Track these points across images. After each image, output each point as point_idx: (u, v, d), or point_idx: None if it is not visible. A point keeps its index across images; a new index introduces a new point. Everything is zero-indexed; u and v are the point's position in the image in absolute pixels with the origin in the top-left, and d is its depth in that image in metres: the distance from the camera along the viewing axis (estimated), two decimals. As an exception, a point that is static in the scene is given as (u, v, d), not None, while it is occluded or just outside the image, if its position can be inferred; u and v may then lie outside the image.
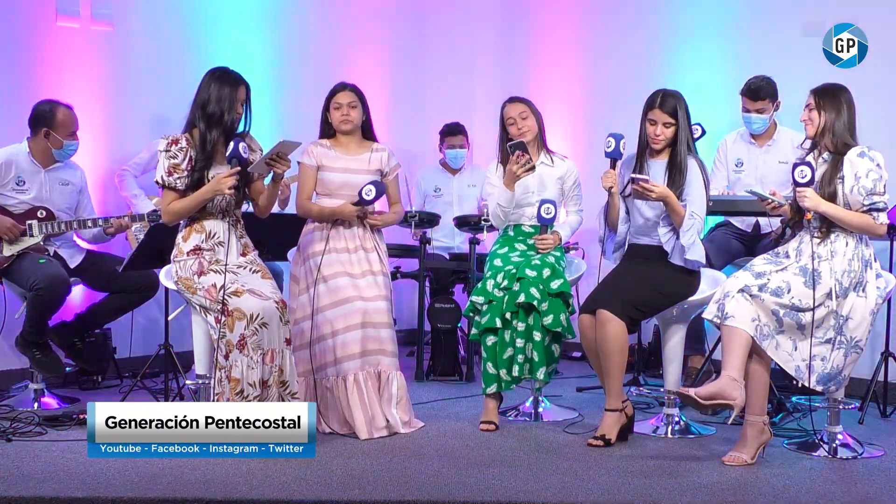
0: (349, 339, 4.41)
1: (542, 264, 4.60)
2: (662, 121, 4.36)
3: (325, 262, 4.48)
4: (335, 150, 4.59)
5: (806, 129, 4.19)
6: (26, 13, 5.52)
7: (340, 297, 4.45)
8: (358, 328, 4.42)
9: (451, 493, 3.60)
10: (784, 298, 4.01)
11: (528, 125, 4.78)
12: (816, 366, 4.04)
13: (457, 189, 6.53)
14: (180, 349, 5.16)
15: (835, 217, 4.06)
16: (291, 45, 6.47)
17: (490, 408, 4.62)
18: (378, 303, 4.48)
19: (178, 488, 3.58)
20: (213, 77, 4.19)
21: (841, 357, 4.05)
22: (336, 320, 4.43)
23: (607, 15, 6.58)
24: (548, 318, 4.53)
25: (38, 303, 4.86)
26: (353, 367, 4.41)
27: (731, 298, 4.02)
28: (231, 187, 4.06)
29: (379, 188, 4.45)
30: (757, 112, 5.27)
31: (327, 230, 4.53)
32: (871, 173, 4.05)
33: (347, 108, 4.56)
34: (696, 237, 4.33)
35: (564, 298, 4.58)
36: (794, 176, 4.04)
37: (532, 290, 4.50)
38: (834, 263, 4.05)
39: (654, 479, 3.83)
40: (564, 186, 4.83)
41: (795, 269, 4.07)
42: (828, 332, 4.05)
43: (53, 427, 4.42)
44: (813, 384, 4.04)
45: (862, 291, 4.07)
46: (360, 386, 4.40)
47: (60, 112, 5.03)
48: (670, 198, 4.28)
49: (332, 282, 4.47)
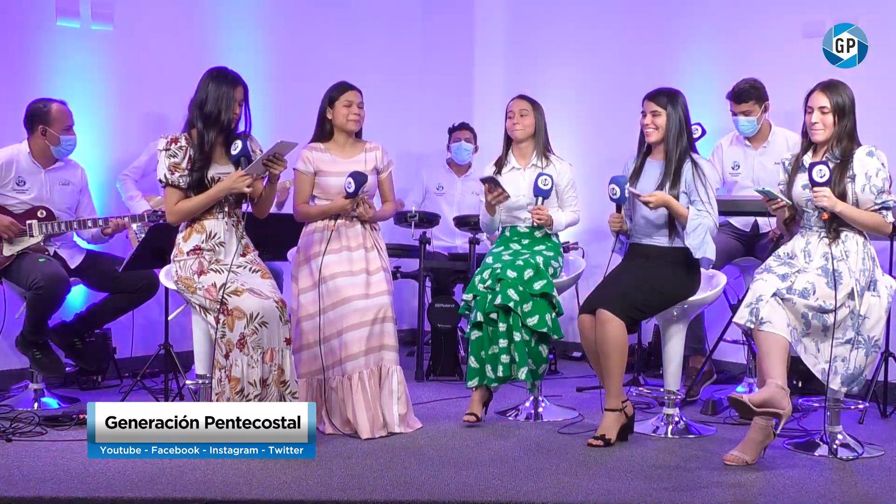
0: (353, 339, 4.41)
1: (525, 265, 4.61)
2: (650, 110, 4.38)
3: (325, 263, 4.48)
4: (330, 154, 4.58)
5: (815, 134, 4.14)
6: (26, 13, 5.52)
7: (343, 296, 4.45)
8: (361, 326, 4.42)
9: (451, 493, 3.60)
10: (811, 300, 4.00)
11: (523, 123, 4.80)
12: (839, 367, 4.05)
13: (459, 190, 6.51)
14: (180, 349, 5.15)
15: (849, 217, 4.06)
16: (291, 46, 6.47)
17: (474, 399, 4.65)
18: (381, 298, 4.49)
19: (178, 488, 3.58)
20: (211, 77, 4.19)
21: (862, 357, 4.06)
22: (338, 320, 4.43)
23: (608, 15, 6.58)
24: (532, 318, 4.54)
25: (37, 302, 4.86)
26: (358, 366, 4.41)
27: (766, 303, 3.98)
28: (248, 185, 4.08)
29: (357, 179, 4.41)
30: (743, 114, 5.29)
31: (329, 231, 4.53)
32: (880, 172, 4.07)
33: (357, 108, 4.56)
34: (705, 236, 4.32)
35: (548, 299, 4.59)
36: (811, 175, 4.03)
37: (510, 292, 4.53)
38: (850, 263, 4.06)
39: (654, 479, 3.83)
40: (557, 188, 4.83)
41: (817, 271, 4.06)
42: (847, 333, 4.06)
43: (53, 427, 4.42)
44: (837, 386, 4.05)
45: (875, 290, 4.09)
46: (364, 385, 4.40)
47: (54, 108, 5.03)
48: (669, 202, 4.30)
49: (333, 282, 4.47)
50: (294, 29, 6.49)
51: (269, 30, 6.40)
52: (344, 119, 4.56)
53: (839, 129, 4.11)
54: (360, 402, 4.38)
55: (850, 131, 4.12)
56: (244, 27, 6.26)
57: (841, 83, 4.16)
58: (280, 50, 6.42)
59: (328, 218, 4.55)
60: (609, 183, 4.40)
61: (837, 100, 4.11)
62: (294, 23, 6.50)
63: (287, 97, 6.32)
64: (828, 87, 4.13)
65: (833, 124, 4.11)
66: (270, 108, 6.15)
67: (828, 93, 4.12)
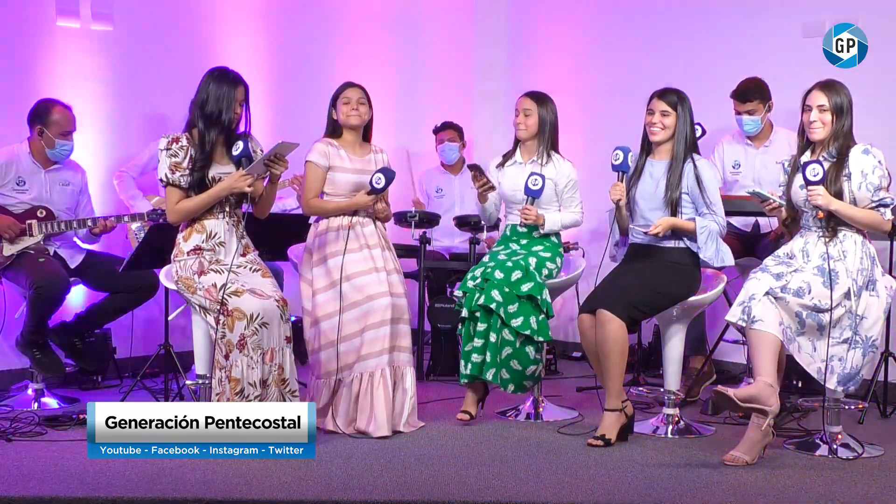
0: (377, 336, 4.40)
1: (515, 266, 4.60)
2: (660, 109, 4.37)
3: (348, 261, 4.46)
4: (344, 151, 4.58)
5: (813, 132, 4.13)
6: (26, 13, 5.51)
7: (367, 294, 4.43)
8: (384, 325, 4.41)
9: (451, 493, 3.60)
10: (805, 299, 4.00)
11: (526, 123, 4.79)
12: (835, 366, 4.05)
13: (458, 189, 6.52)
14: (180, 349, 5.16)
15: (846, 215, 4.05)
16: (291, 46, 6.46)
17: (468, 398, 4.66)
18: (401, 299, 4.51)
19: (178, 488, 3.58)
20: (212, 77, 4.20)
21: (859, 357, 4.06)
22: (363, 317, 4.41)
23: (608, 15, 6.58)
24: (517, 320, 4.54)
25: (37, 302, 4.86)
26: (381, 363, 4.39)
27: (758, 301, 3.99)
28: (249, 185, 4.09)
29: (388, 175, 4.45)
30: (747, 113, 5.30)
31: (344, 230, 4.52)
32: (876, 170, 4.07)
33: (356, 104, 4.57)
34: (717, 244, 4.34)
35: (535, 301, 4.58)
36: (805, 174, 4.03)
37: (494, 293, 4.53)
38: (848, 263, 4.06)
39: (654, 479, 3.83)
40: (557, 188, 4.82)
41: (814, 270, 4.06)
42: (844, 332, 4.06)
43: (53, 427, 4.42)
44: (833, 385, 4.05)
45: (873, 290, 4.08)
46: (385, 381, 4.40)
47: (56, 111, 5.02)
48: (674, 224, 4.32)
49: (356, 280, 4.45)
50: (294, 29, 6.49)
51: (269, 30, 6.40)
52: (344, 116, 4.57)
53: (836, 128, 4.11)
54: (381, 399, 4.37)
55: (847, 131, 4.12)
56: (244, 27, 6.25)
57: (839, 83, 4.16)
58: (280, 50, 6.42)
59: (342, 216, 4.53)
60: (614, 150, 4.39)
61: (836, 99, 4.11)
62: (294, 23, 6.50)
63: (287, 97, 6.32)
64: (826, 87, 4.13)
65: (831, 123, 4.11)
66: (270, 108, 6.16)
67: (826, 92, 4.12)
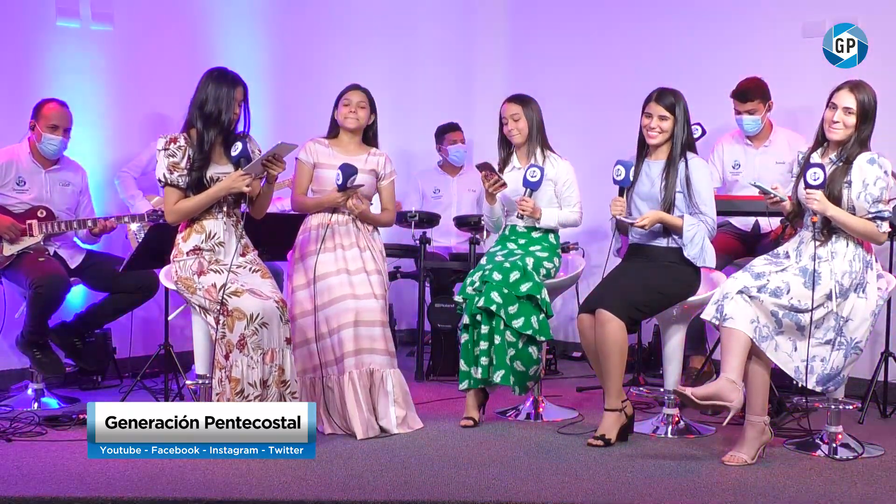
0: (344, 338, 4.43)
1: (513, 267, 4.60)
2: (658, 113, 4.36)
3: (320, 261, 4.50)
4: (333, 149, 4.63)
5: (833, 132, 4.07)
6: (26, 13, 5.52)
7: (335, 295, 4.48)
8: (350, 326, 4.44)
9: (451, 493, 3.60)
10: (783, 299, 4.00)
11: (518, 128, 4.79)
12: (816, 367, 4.04)
13: (456, 190, 6.52)
14: (180, 349, 5.16)
15: (840, 222, 4.03)
16: (291, 46, 6.47)
17: (469, 403, 4.66)
18: (368, 301, 4.49)
19: (178, 488, 3.58)
20: (211, 77, 4.19)
21: (841, 358, 4.05)
22: (331, 318, 4.46)
23: (608, 15, 6.58)
24: (518, 320, 4.54)
25: (37, 302, 4.86)
26: (349, 366, 4.43)
27: (730, 300, 4.01)
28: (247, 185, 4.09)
29: (345, 170, 4.43)
30: (748, 113, 5.30)
31: (323, 229, 4.55)
32: (878, 181, 4.01)
33: (356, 107, 4.61)
34: (703, 244, 4.33)
35: (535, 301, 4.58)
36: (805, 177, 4.01)
37: (493, 295, 4.52)
38: (834, 264, 4.05)
39: (654, 479, 3.83)
40: (556, 188, 4.82)
41: (795, 270, 4.06)
42: (828, 333, 4.05)
43: (53, 427, 4.42)
44: (812, 385, 4.04)
45: (863, 293, 4.06)
46: (354, 384, 4.41)
47: (48, 106, 5.02)
48: (662, 218, 4.32)
49: (325, 281, 4.49)
50: (294, 29, 6.49)
51: (269, 30, 6.40)
52: (342, 118, 4.62)
53: (856, 133, 4.04)
54: (353, 402, 4.39)
55: (865, 137, 4.05)
56: (244, 27, 6.25)
57: (868, 86, 4.07)
58: (280, 50, 6.42)
59: (324, 212, 4.58)
60: (615, 164, 4.39)
61: (864, 103, 4.02)
62: (294, 23, 6.50)
63: (287, 97, 6.32)
64: (856, 88, 4.04)
65: (854, 127, 4.04)
66: (270, 108, 6.16)
67: (856, 93, 4.03)
